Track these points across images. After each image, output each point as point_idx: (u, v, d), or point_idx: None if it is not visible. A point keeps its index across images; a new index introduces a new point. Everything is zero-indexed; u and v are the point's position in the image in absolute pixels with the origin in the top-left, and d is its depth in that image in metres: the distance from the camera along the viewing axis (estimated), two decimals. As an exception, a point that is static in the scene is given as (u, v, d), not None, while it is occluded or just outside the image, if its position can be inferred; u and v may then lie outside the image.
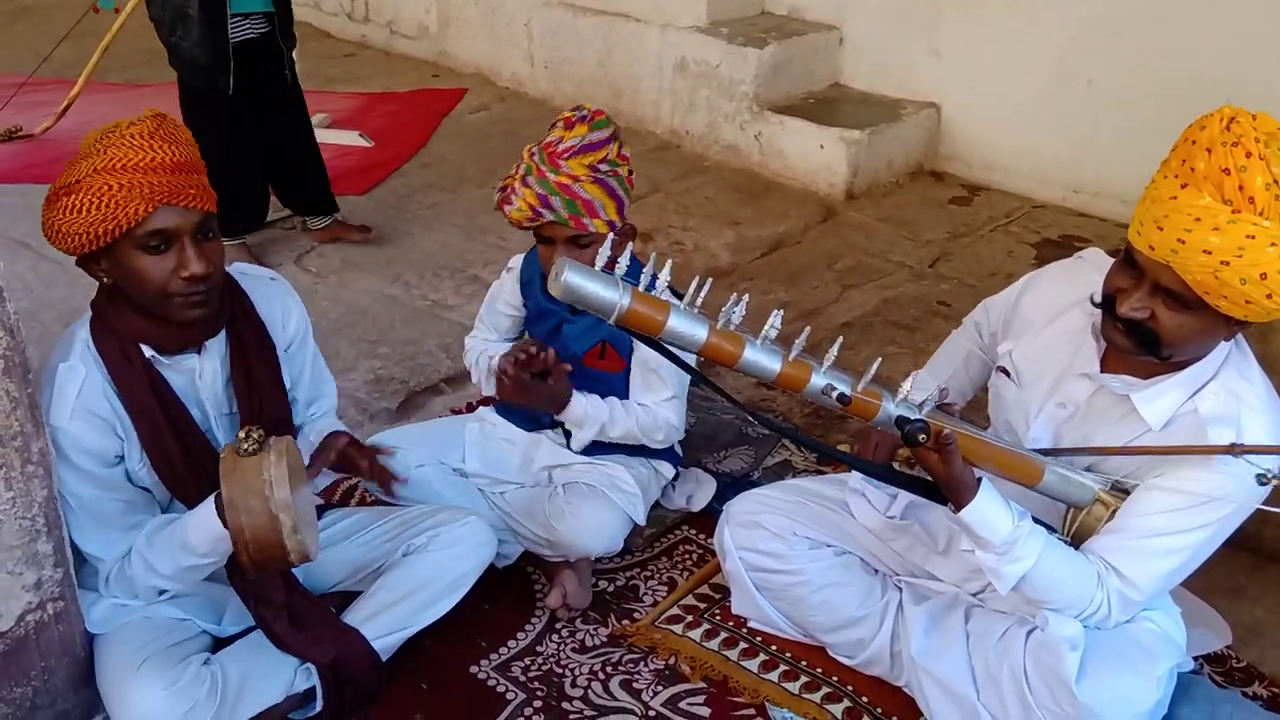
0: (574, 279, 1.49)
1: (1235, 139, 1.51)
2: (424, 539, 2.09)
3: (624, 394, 2.33)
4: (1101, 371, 1.77)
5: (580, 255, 2.12)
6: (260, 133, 3.51)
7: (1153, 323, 1.62)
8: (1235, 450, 1.62)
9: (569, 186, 2.10)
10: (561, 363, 2.18)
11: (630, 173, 2.19)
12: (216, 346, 1.88)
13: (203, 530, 1.79)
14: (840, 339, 1.66)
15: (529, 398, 2.20)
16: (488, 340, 2.48)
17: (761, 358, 1.59)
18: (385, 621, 2.02)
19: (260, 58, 3.40)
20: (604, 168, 2.12)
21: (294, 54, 3.54)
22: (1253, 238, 1.50)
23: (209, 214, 1.76)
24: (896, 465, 1.98)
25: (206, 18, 3.20)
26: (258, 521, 1.66)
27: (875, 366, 1.64)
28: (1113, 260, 1.71)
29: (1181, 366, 1.69)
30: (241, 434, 1.70)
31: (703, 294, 1.58)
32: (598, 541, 2.24)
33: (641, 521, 2.34)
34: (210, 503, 1.79)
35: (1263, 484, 1.61)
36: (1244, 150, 1.50)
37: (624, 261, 1.55)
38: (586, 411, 2.24)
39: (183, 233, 1.72)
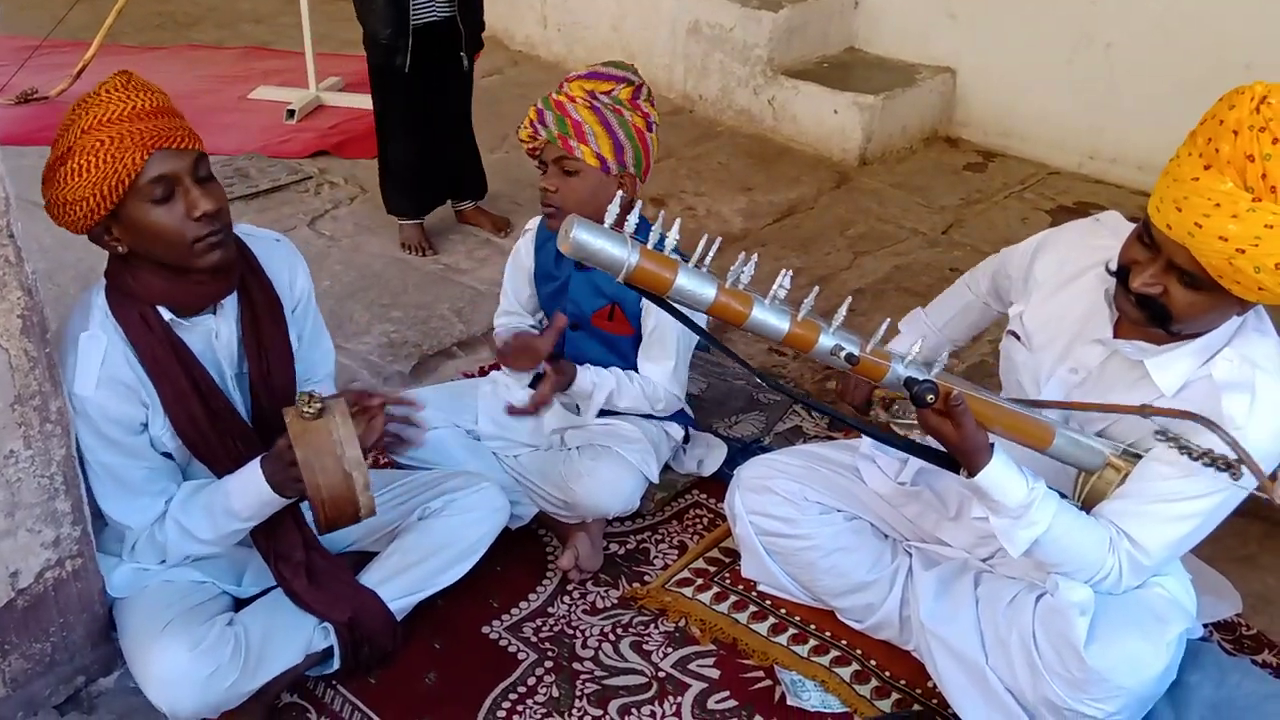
0: (582, 235, 1.48)
1: (1264, 123, 1.46)
2: (439, 503, 2.11)
3: (629, 357, 2.34)
4: (1115, 337, 1.76)
5: (566, 183, 2.16)
6: (429, 114, 3.47)
7: (1165, 298, 1.61)
8: (1144, 411, 1.64)
9: (563, 104, 2.15)
10: (569, 327, 2.27)
11: (645, 130, 2.20)
12: (231, 306, 1.89)
13: (248, 496, 1.82)
14: (849, 299, 1.66)
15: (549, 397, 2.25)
16: (511, 318, 2.49)
17: (770, 317, 1.58)
18: (400, 584, 2.04)
19: (443, 40, 3.35)
20: (604, 99, 2.15)
21: (480, 37, 3.48)
22: (1271, 227, 1.47)
23: (202, 154, 1.76)
24: (874, 410, 1.99)
25: None
26: (333, 480, 1.73)
27: (884, 328, 1.64)
28: (1131, 225, 1.70)
29: (1196, 334, 1.69)
30: (302, 398, 1.75)
31: (711, 254, 1.57)
32: (615, 501, 2.26)
33: (655, 479, 2.36)
34: (254, 468, 1.81)
35: (1220, 470, 1.59)
36: (1271, 136, 1.46)
37: (633, 220, 1.54)
38: (594, 383, 2.26)
39: (182, 174, 1.72)
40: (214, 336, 1.88)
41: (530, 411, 2.22)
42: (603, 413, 2.35)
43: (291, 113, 4.56)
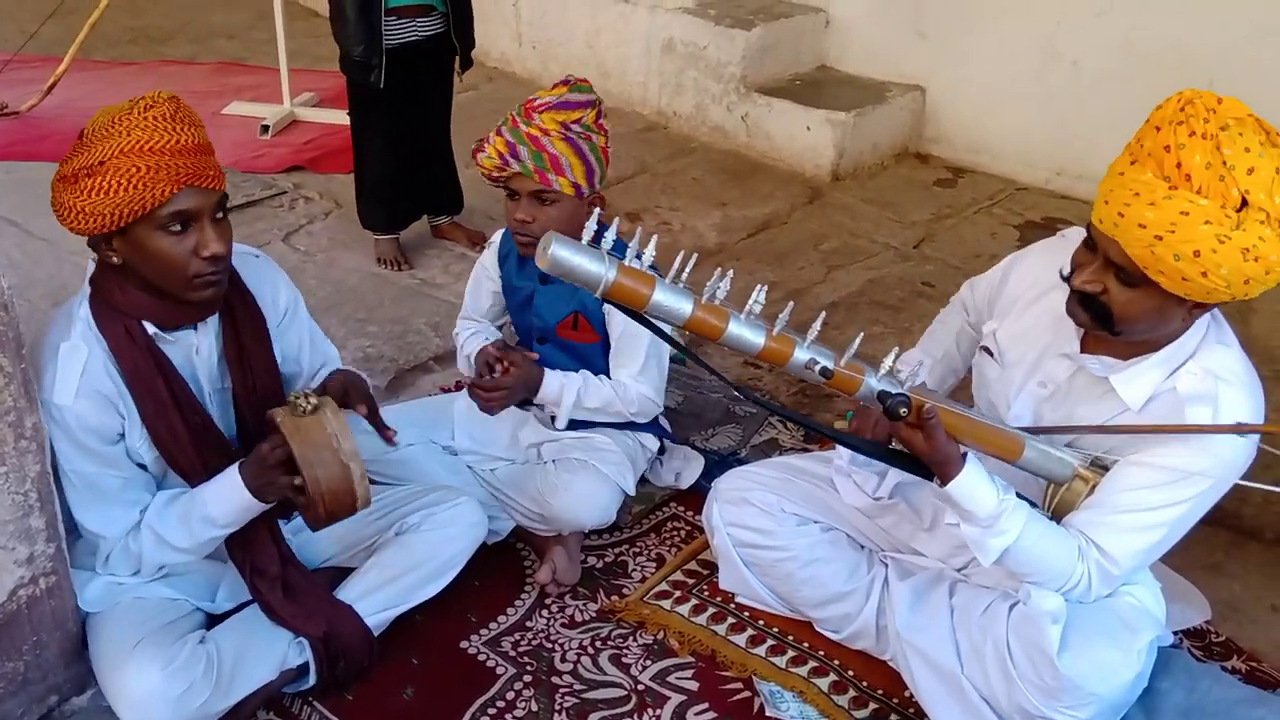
0: (560, 252, 1.49)
1: (1183, 118, 1.53)
2: (417, 518, 2.11)
3: (600, 365, 2.35)
4: (1081, 352, 1.79)
5: (543, 212, 2.16)
6: (406, 129, 3.47)
7: (1105, 297, 1.64)
8: (1213, 429, 1.64)
9: (538, 139, 2.13)
10: (534, 338, 2.31)
11: (607, 146, 2.22)
12: (212, 322, 1.90)
13: (226, 502, 1.82)
14: (823, 314, 1.69)
15: (510, 399, 2.26)
16: (470, 323, 2.51)
17: (745, 332, 1.60)
18: (378, 599, 2.04)
19: (426, 58, 3.36)
20: (576, 129, 2.15)
21: (470, 54, 3.48)
22: (1186, 214, 1.51)
23: (225, 194, 1.79)
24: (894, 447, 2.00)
25: (360, 12, 3.18)
26: (331, 472, 1.75)
27: (857, 341, 1.66)
28: None
29: (1158, 347, 1.72)
30: (294, 397, 1.77)
31: (688, 269, 1.59)
32: (590, 514, 2.27)
33: (631, 491, 2.36)
34: (233, 474, 1.81)
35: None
36: (1188, 129, 1.52)
37: (609, 236, 1.55)
38: (562, 385, 2.26)
39: (203, 213, 1.74)
40: (195, 352, 1.88)
41: (485, 401, 2.23)
42: (579, 424, 2.36)
43: (266, 128, 4.56)
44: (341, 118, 4.73)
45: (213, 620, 2.01)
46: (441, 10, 3.32)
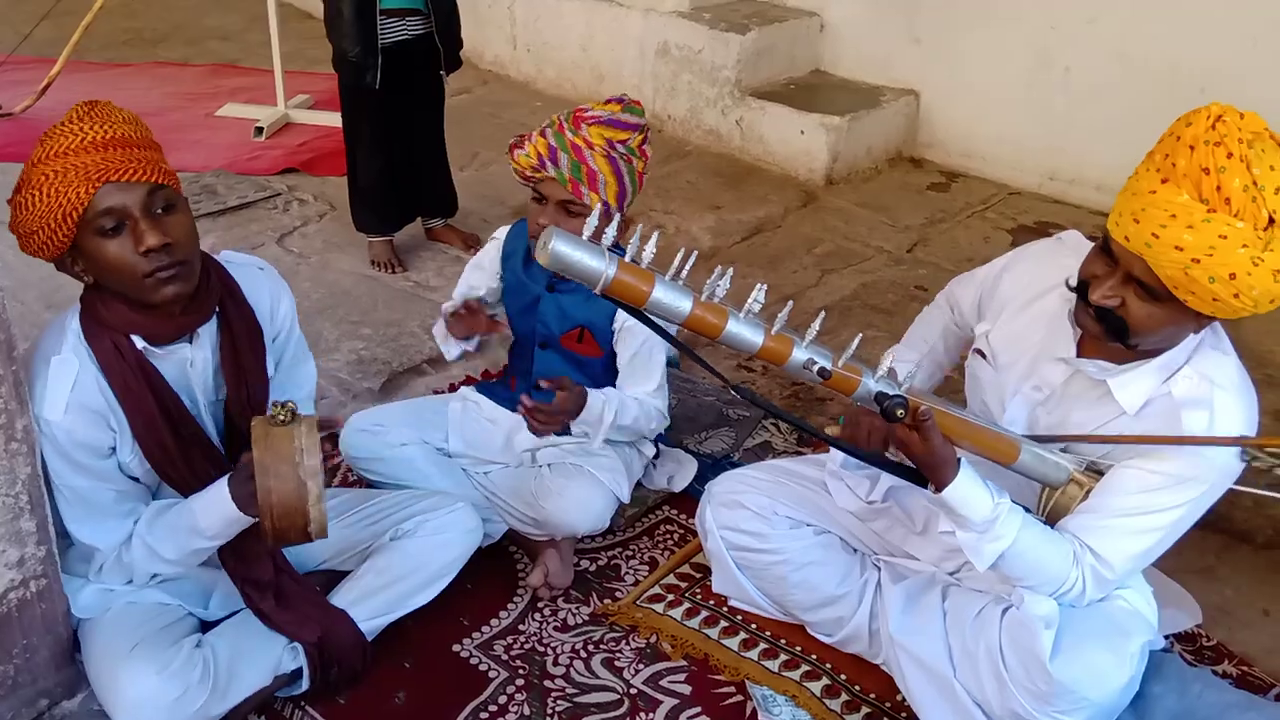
0: (561, 247, 1.49)
1: (1219, 138, 1.51)
2: (412, 524, 2.10)
3: (603, 380, 2.35)
4: (1077, 356, 1.79)
5: (567, 223, 2.14)
6: (399, 131, 3.48)
7: (1123, 311, 1.64)
8: (1201, 441, 1.64)
9: (580, 150, 2.13)
10: (536, 343, 2.31)
11: (644, 172, 2.22)
12: (208, 334, 1.88)
13: (213, 513, 1.80)
14: (821, 314, 1.68)
15: (561, 420, 2.19)
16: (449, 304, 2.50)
17: (744, 330, 1.60)
18: (372, 605, 2.04)
19: (415, 58, 3.36)
20: (620, 149, 2.15)
21: (459, 55, 3.50)
22: (1225, 238, 1.51)
23: (159, 185, 1.70)
24: (890, 454, 2.00)
25: (356, 13, 3.19)
26: (286, 486, 1.67)
27: (856, 342, 1.66)
28: (1090, 244, 1.74)
29: (1157, 352, 1.72)
30: (275, 407, 1.72)
31: (688, 267, 1.59)
32: (584, 519, 2.26)
33: (626, 499, 2.36)
34: (222, 485, 1.79)
35: (1244, 460, 1.64)
36: (1225, 150, 1.50)
37: (609, 234, 1.55)
38: (604, 404, 2.22)
39: (131, 208, 1.68)
40: (189, 365, 1.86)
41: (540, 425, 2.18)
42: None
43: (260, 130, 4.55)
44: (335, 120, 4.70)
45: (206, 626, 2.00)
46: (424, 11, 3.33)
